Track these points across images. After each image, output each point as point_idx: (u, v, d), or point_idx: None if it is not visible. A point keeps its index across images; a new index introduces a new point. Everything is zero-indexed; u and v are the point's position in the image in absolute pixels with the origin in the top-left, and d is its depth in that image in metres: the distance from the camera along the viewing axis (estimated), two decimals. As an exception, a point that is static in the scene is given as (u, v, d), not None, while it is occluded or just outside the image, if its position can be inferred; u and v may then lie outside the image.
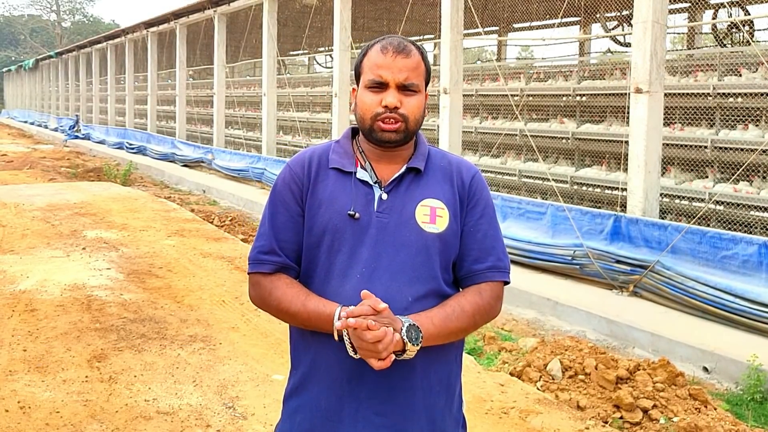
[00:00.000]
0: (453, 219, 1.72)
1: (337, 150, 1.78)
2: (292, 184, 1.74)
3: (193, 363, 4.53)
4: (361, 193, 1.70)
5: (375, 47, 1.72)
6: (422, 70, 1.72)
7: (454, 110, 9.07)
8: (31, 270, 6.79)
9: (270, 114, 14.47)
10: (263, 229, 1.76)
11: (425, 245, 1.68)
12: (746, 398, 4.30)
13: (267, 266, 1.72)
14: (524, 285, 6.45)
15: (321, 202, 1.71)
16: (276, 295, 1.70)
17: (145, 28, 21.89)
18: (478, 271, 1.73)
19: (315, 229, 1.70)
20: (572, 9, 12.71)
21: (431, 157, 1.78)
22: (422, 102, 1.72)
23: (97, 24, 60.98)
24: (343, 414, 1.66)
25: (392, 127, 1.68)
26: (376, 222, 1.68)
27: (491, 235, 1.76)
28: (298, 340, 1.76)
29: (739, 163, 7.03)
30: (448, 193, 1.74)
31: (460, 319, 1.66)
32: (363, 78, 1.72)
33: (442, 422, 1.72)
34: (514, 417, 3.89)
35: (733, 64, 8.06)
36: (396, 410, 1.65)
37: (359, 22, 16.71)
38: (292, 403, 1.76)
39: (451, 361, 1.75)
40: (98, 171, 16.59)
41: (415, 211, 1.70)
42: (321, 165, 1.75)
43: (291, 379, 1.79)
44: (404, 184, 1.73)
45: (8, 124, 42.15)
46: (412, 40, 1.74)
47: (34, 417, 3.72)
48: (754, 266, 5.31)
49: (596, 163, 9.39)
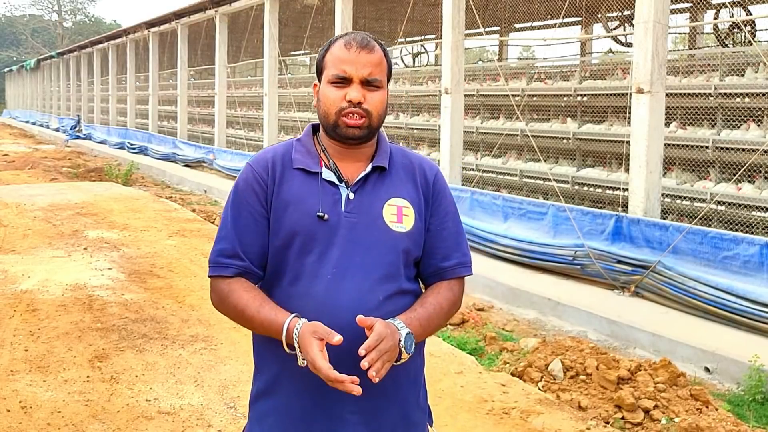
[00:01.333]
0: (418, 217, 1.74)
1: (300, 149, 1.75)
2: (255, 186, 1.71)
3: (194, 363, 4.54)
4: (328, 193, 1.69)
5: (338, 42, 1.71)
6: (385, 66, 1.72)
7: (456, 110, 9.06)
8: (32, 270, 6.80)
9: (271, 114, 14.48)
10: (225, 232, 1.71)
11: (394, 244, 1.69)
12: (748, 399, 4.30)
13: (229, 270, 1.69)
14: (525, 285, 6.45)
15: (287, 204, 1.68)
16: (232, 299, 1.67)
17: (147, 28, 21.90)
18: (447, 267, 1.77)
19: (282, 232, 1.68)
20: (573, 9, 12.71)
21: (393, 155, 1.79)
22: (385, 98, 1.72)
23: (98, 24, 61.02)
24: (317, 415, 1.66)
25: (356, 123, 1.67)
26: (345, 222, 1.67)
27: (456, 231, 1.80)
28: (265, 343, 1.72)
29: (741, 163, 7.02)
30: (413, 192, 1.76)
31: (440, 317, 1.72)
32: (326, 73, 1.71)
33: (413, 414, 1.76)
34: (515, 417, 3.89)
35: (736, 64, 8.06)
36: (370, 408, 1.67)
37: (360, 22, 16.71)
38: (260, 406, 1.74)
39: (416, 355, 1.77)
40: (99, 171, 16.60)
41: (382, 210, 1.70)
42: (285, 165, 1.72)
43: (256, 383, 1.77)
44: (370, 183, 1.73)
45: (10, 125, 42.18)
46: (374, 36, 1.74)
47: (35, 417, 3.73)
48: (755, 266, 5.30)
49: (598, 164, 9.38)
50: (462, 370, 4.57)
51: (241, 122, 18.01)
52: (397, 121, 13.17)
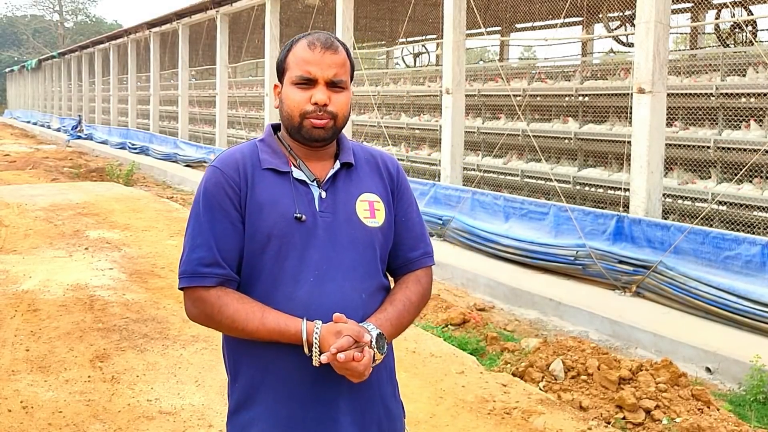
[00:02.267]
0: (388, 211, 1.75)
1: (265, 149, 1.72)
2: (227, 189, 1.63)
3: (195, 363, 4.54)
4: (301, 193, 1.67)
5: (301, 42, 1.68)
6: (348, 67, 1.71)
7: (457, 110, 9.06)
8: (33, 270, 6.80)
9: (272, 114, 14.46)
10: (201, 239, 1.63)
11: (370, 240, 1.70)
12: (749, 399, 4.29)
13: (210, 279, 1.61)
14: (527, 285, 6.45)
15: (261, 206, 1.63)
16: (227, 313, 1.60)
17: (148, 28, 21.91)
18: (414, 258, 1.78)
19: (258, 235, 1.63)
20: (575, 9, 12.70)
21: (355, 151, 1.79)
22: (349, 99, 1.71)
23: (99, 24, 61.05)
24: (307, 419, 1.64)
25: (321, 124, 1.65)
26: (321, 222, 1.66)
27: (418, 221, 1.82)
28: (241, 351, 1.68)
29: (742, 163, 7.02)
30: (380, 185, 1.76)
31: (410, 312, 1.73)
32: (289, 74, 1.69)
33: (393, 407, 1.78)
34: (516, 417, 3.88)
35: (737, 64, 8.05)
36: (358, 407, 1.67)
37: (361, 22, 16.72)
38: (241, 418, 1.69)
39: (391, 350, 1.79)
40: (101, 171, 16.60)
41: (355, 206, 1.70)
42: (254, 166, 1.67)
43: (234, 394, 1.72)
44: (339, 180, 1.72)
45: (11, 125, 42.22)
46: (335, 36, 1.73)
47: (36, 417, 3.73)
48: (757, 267, 5.30)
49: (599, 164, 9.38)
50: (463, 370, 4.56)
51: (243, 122, 18.01)
52: (399, 122, 13.17)
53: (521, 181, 10.07)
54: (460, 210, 8.20)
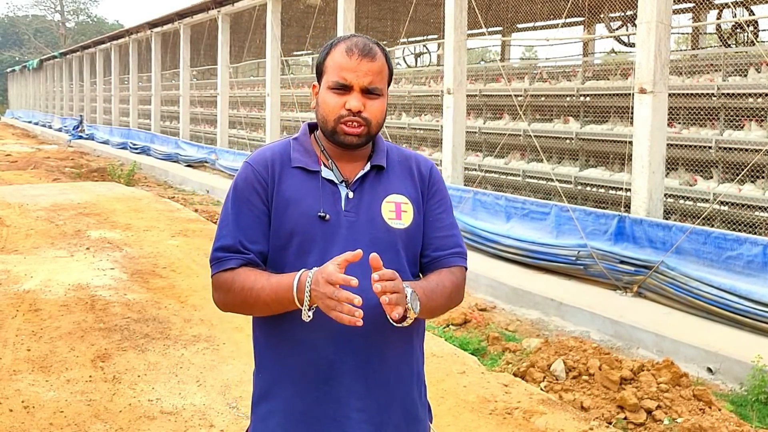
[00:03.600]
0: (416, 212, 1.73)
1: (298, 148, 1.75)
2: (256, 184, 1.69)
3: (196, 363, 4.54)
4: (328, 192, 1.69)
5: (339, 47, 1.68)
6: (386, 73, 1.71)
7: (458, 110, 9.06)
8: (35, 270, 6.81)
9: (273, 114, 14.49)
10: (226, 230, 1.68)
11: (394, 241, 1.69)
12: (751, 399, 4.29)
13: (232, 261, 1.65)
14: (528, 285, 6.44)
15: (287, 203, 1.67)
16: (238, 282, 1.63)
17: (149, 28, 21.92)
18: (443, 256, 1.75)
19: (282, 231, 1.67)
20: (576, 9, 12.69)
21: (390, 153, 1.79)
22: (384, 105, 1.71)
23: (100, 24, 61.07)
24: (321, 415, 1.65)
25: (355, 131, 1.66)
26: (345, 221, 1.67)
27: (450, 223, 1.79)
28: (265, 343, 1.72)
29: (744, 163, 7.01)
30: (410, 187, 1.75)
31: (442, 295, 1.68)
32: (326, 78, 1.69)
33: (415, 410, 1.75)
34: (518, 417, 3.88)
35: (738, 64, 8.04)
36: (373, 405, 1.66)
37: (363, 22, 16.72)
38: (262, 408, 1.72)
39: (417, 350, 1.77)
40: (102, 171, 16.62)
41: (380, 207, 1.70)
42: (283, 164, 1.71)
43: (258, 383, 1.75)
44: (368, 181, 1.72)
45: (12, 125, 42.27)
46: (375, 41, 1.72)
47: (38, 417, 3.73)
48: (758, 267, 5.29)
49: (600, 164, 9.37)
50: (465, 370, 4.56)
51: (244, 122, 18.01)
52: (400, 122, 13.17)
53: (522, 181, 10.07)
54: (462, 210, 8.20)
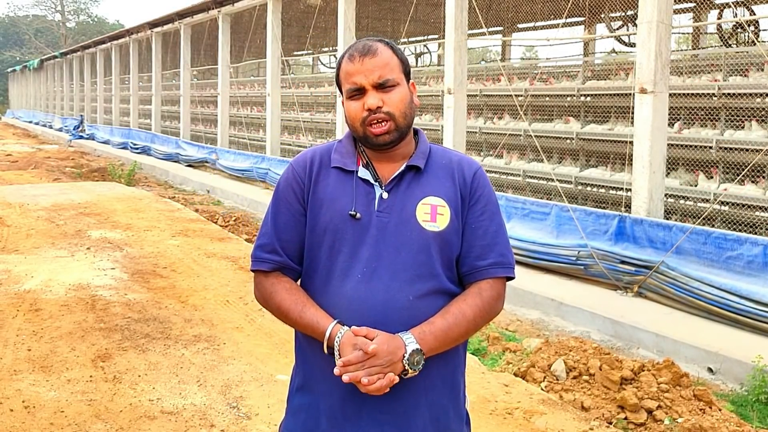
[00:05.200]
0: (454, 216, 1.71)
1: (340, 149, 1.79)
2: (293, 184, 1.76)
3: (197, 363, 4.54)
4: (362, 192, 1.71)
5: (344, 57, 1.74)
6: (395, 63, 1.71)
7: (459, 110, 9.06)
8: (35, 270, 6.81)
9: (274, 114, 14.49)
10: (265, 228, 1.78)
11: (426, 244, 1.68)
12: (751, 399, 4.29)
13: (266, 264, 1.75)
14: (528, 285, 6.44)
15: (322, 202, 1.72)
16: (275, 300, 1.73)
17: (150, 28, 21.92)
18: (481, 267, 1.71)
19: (317, 229, 1.72)
20: (577, 9, 12.69)
21: (432, 155, 1.78)
22: (406, 94, 1.71)
23: (101, 24, 61.07)
24: (347, 413, 1.67)
25: (382, 129, 1.68)
26: (377, 221, 1.68)
27: (493, 230, 1.74)
28: (303, 340, 1.77)
29: (745, 163, 7.01)
30: (450, 190, 1.73)
31: (461, 326, 1.67)
32: (343, 90, 1.74)
33: (446, 419, 1.73)
34: (518, 417, 3.88)
35: (739, 64, 8.04)
36: (399, 408, 1.66)
37: (363, 22, 16.71)
38: (296, 401, 1.78)
39: (455, 358, 1.76)
40: (102, 171, 16.63)
41: (415, 209, 1.70)
42: (323, 164, 1.77)
43: (296, 377, 1.81)
44: (405, 182, 1.72)
45: (13, 124, 42.26)
46: (380, 38, 1.74)
47: (38, 416, 3.73)
48: (759, 267, 5.29)
49: (601, 164, 9.37)
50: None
51: (244, 122, 18.02)
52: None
53: (523, 181, 10.07)
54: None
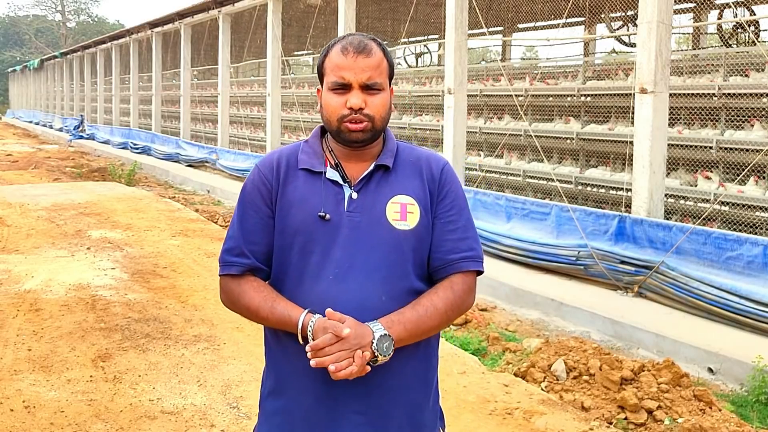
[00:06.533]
0: (424, 214, 1.72)
1: (306, 150, 1.77)
2: (260, 186, 1.74)
3: (197, 363, 4.54)
4: (331, 193, 1.70)
5: (335, 48, 1.70)
6: (385, 67, 1.71)
7: (459, 110, 9.06)
8: (35, 270, 6.81)
9: (274, 114, 14.49)
10: (232, 232, 1.75)
11: (397, 243, 1.68)
12: (751, 399, 4.29)
13: (235, 268, 1.72)
14: (528, 285, 6.44)
15: (291, 204, 1.70)
16: (244, 300, 1.70)
17: (150, 28, 21.93)
18: (452, 261, 1.71)
19: (286, 231, 1.70)
20: (577, 9, 12.69)
21: (400, 153, 1.78)
22: (387, 100, 1.71)
23: (101, 24, 61.09)
24: (322, 416, 1.67)
25: (359, 127, 1.67)
26: (348, 222, 1.67)
27: (462, 225, 1.75)
28: (274, 343, 1.76)
29: (745, 163, 7.01)
30: (418, 188, 1.73)
31: (433, 318, 1.67)
32: (326, 80, 1.71)
33: (421, 417, 1.75)
34: (518, 417, 3.88)
35: (739, 64, 8.04)
36: (375, 409, 1.67)
37: (363, 22, 16.71)
38: (269, 405, 1.76)
39: (429, 355, 1.77)
40: (103, 171, 16.62)
41: (385, 208, 1.70)
42: (290, 166, 1.74)
43: (267, 381, 1.79)
44: (373, 181, 1.72)
45: (13, 124, 42.25)
46: (372, 37, 1.72)
47: (38, 416, 3.73)
48: (759, 267, 5.29)
49: (601, 164, 9.37)
50: (465, 370, 4.56)
51: (244, 122, 18.02)
52: (400, 122, 13.17)
53: (523, 181, 10.07)
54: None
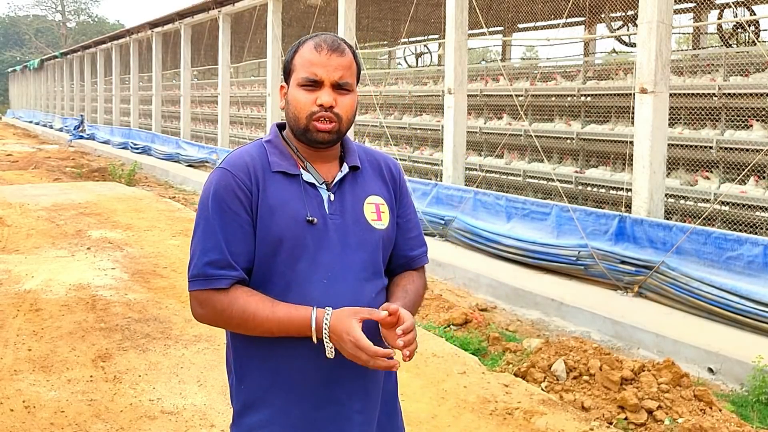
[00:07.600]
0: (391, 213, 1.78)
1: (273, 151, 1.71)
2: (237, 191, 1.62)
3: (197, 363, 4.54)
4: (311, 195, 1.68)
5: (308, 44, 1.68)
6: (355, 69, 1.71)
7: (459, 110, 9.06)
8: (36, 270, 6.81)
9: (274, 114, 14.49)
10: (212, 242, 1.61)
11: (377, 242, 1.73)
12: (751, 399, 4.29)
13: (224, 281, 1.60)
14: (529, 285, 6.44)
15: (273, 209, 1.63)
16: (237, 306, 1.59)
17: (150, 28, 21.93)
18: (414, 257, 1.84)
19: (269, 238, 1.62)
20: (577, 9, 12.68)
21: (359, 154, 1.80)
22: (354, 101, 1.71)
23: (101, 24, 61.08)
24: (320, 418, 1.64)
25: (327, 127, 1.65)
26: (332, 225, 1.67)
27: (416, 222, 1.87)
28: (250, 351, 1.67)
29: (745, 163, 7.00)
30: (383, 188, 1.79)
31: (417, 304, 1.79)
32: (295, 76, 1.68)
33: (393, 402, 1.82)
34: (518, 418, 3.88)
35: (739, 64, 8.04)
36: (370, 404, 1.70)
37: (364, 22, 16.71)
38: (248, 419, 1.67)
39: None
40: (103, 171, 16.62)
41: (363, 209, 1.72)
42: (264, 169, 1.66)
43: (240, 395, 1.69)
44: (346, 183, 1.73)
45: (13, 124, 42.26)
46: (342, 38, 1.72)
47: (38, 416, 3.73)
48: (759, 267, 5.29)
49: (601, 164, 9.37)
50: (465, 370, 4.56)
51: (245, 122, 18.02)
52: (401, 122, 13.18)
53: (523, 181, 10.07)
54: (462, 210, 8.20)
